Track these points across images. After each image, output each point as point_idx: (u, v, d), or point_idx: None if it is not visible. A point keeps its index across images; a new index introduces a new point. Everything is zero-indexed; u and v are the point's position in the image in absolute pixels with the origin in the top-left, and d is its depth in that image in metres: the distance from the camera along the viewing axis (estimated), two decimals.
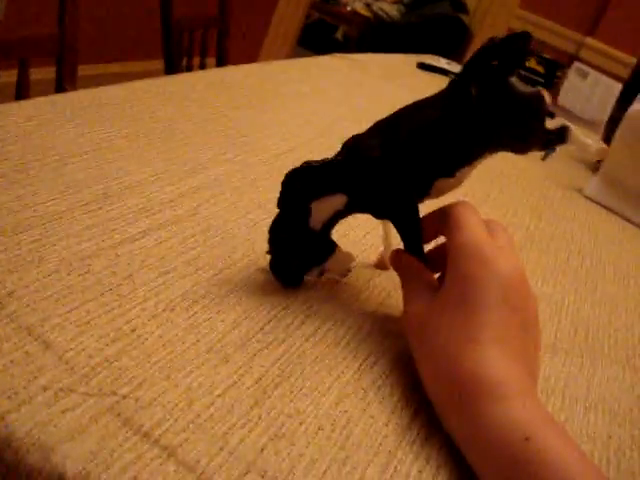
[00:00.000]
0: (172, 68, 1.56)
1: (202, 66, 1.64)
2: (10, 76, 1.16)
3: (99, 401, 0.34)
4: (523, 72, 1.51)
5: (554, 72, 1.49)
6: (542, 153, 1.20)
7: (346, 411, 0.40)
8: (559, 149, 1.27)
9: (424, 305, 0.43)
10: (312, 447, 0.36)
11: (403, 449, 0.39)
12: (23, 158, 0.53)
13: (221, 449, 0.34)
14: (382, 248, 0.55)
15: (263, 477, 0.33)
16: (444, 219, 0.44)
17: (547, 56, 1.55)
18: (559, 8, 3.30)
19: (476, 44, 3.55)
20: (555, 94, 1.73)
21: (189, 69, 1.62)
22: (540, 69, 1.51)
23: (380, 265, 0.56)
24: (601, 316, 0.63)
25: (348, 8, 4.25)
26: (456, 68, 1.75)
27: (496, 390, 0.38)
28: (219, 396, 0.37)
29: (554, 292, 0.65)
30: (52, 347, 0.36)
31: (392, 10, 4.24)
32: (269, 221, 0.45)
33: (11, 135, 0.56)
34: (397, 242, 0.48)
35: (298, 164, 0.44)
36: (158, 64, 1.66)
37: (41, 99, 0.65)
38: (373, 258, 0.56)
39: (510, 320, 0.40)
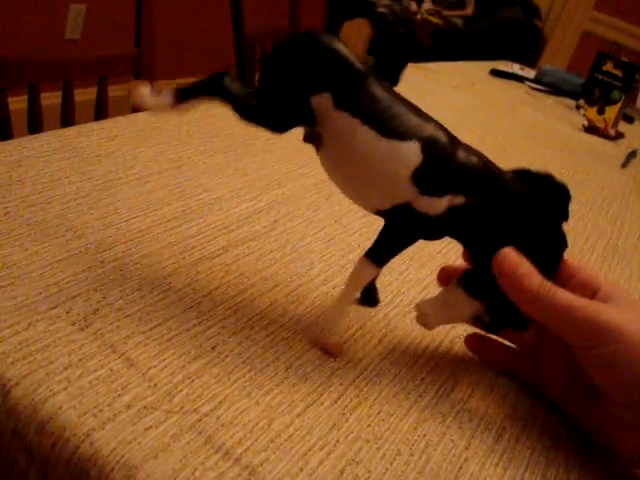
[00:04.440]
0: (245, 82, 1.58)
1: None
2: (87, 94, 1.20)
3: (181, 419, 0.35)
4: (600, 76, 1.47)
5: (632, 75, 1.45)
6: (622, 160, 1.17)
7: (424, 435, 0.39)
8: None
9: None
10: (390, 472, 0.36)
11: (487, 471, 0.38)
12: (105, 177, 0.55)
13: (301, 470, 0.34)
14: None
15: None
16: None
17: (625, 59, 1.50)
18: (635, 9, 3.21)
19: (550, 48, 3.48)
20: (634, 97, 1.68)
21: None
22: (618, 73, 1.46)
23: None
24: None
25: (418, 16, 4.24)
26: (530, 74, 1.72)
27: None
28: (298, 416, 0.37)
29: None
30: (135, 364, 0.37)
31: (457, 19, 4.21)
32: (345, 235, 0.44)
33: (93, 154, 0.58)
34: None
35: None
36: None
37: (121, 118, 0.67)
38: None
39: None
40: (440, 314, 0.43)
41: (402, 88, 0.42)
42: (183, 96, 0.40)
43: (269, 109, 0.39)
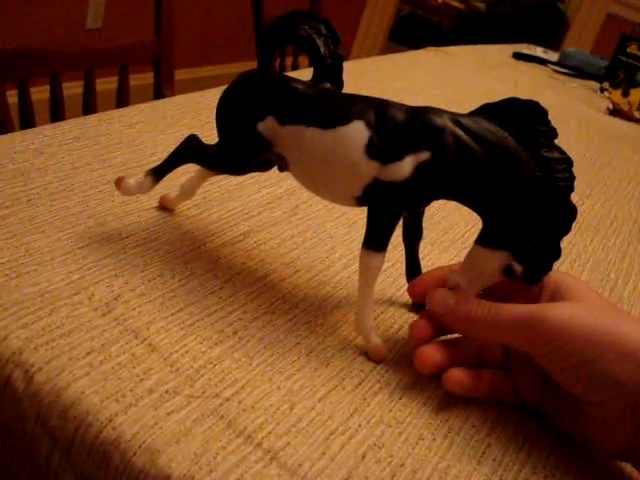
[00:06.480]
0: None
1: (295, 65, 1.65)
2: (108, 83, 1.20)
3: (203, 403, 0.35)
4: (624, 58, 1.44)
5: None
6: None
7: (447, 420, 0.39)
8: None
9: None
10: (412, 457, 0.36)
11: (510, 456, 0.37)
12: (126, 164, 0.55)
13: (323, 454, 0.34)
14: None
15: None
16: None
17: None
18: None
19: (573, 31, 3.43)
20: None
21: (282, 69, 1.63)
22: None
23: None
24: None
25: (439, 0, 4.19)
26: (553, 57, 1.70)
27: None
28: (320, 400, 0.37)
29: None
30: (157, 350, 0.37)
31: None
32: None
33: (114, 142, 0.58)
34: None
35: None
36: (252, 65, 1.68)
37: (142, 105, 0.67)
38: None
39: None
40: (471, 279, 0.42)
41: (423, 72, 0.41)
42: (161, 174, 0.47)
43: (226, 149, 0.45)
